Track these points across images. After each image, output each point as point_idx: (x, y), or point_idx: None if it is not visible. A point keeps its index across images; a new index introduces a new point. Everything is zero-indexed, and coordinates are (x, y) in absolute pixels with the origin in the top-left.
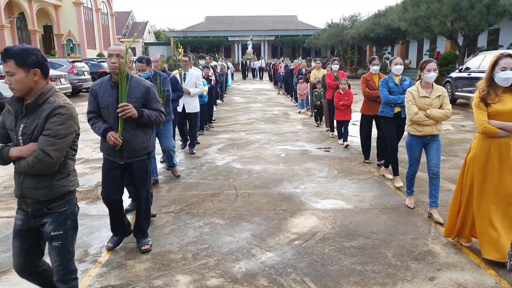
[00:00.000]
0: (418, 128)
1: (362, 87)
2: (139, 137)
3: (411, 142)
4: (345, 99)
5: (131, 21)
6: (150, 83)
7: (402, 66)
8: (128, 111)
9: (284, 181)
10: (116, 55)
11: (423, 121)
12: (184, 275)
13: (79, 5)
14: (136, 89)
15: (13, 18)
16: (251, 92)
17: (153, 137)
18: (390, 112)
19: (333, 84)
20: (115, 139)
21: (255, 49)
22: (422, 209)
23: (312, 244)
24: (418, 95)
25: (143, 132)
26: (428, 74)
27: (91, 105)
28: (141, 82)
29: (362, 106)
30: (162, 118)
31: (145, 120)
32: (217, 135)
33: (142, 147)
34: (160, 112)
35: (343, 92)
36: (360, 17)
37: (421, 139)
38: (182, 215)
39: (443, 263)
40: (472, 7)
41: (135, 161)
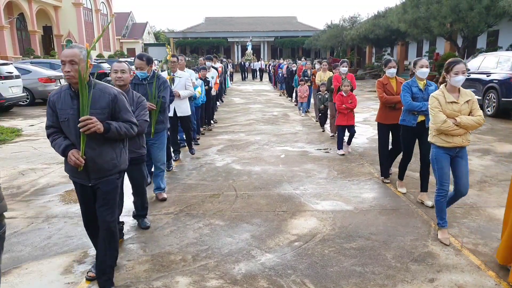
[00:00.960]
0: (446, 138)
1: (379, 92)
2: (108, 154)
3: (438, 155)
4: (348, 102)
5: (130, 21)
6: (117, 90)
7: (428, 69)
8: (92, 126)
9: (284, 182)
10: (70, 62)
11: (452, 130)
12: (183, 277)
13: (78, 6)
14: (101, 98)
15: (12, 18)
16: (250, 93)
17: (126, 152)
18: (413, 121)
19: None
20: (76, 159)
21: (254, 50)
22: (422, 210)
23: (312, 246)
24: (444, 101)
25: (112, 147)
26: (456, 77)
27: (50, 119)
28: (106, 90)
29: (378, 114)
30: (134, 131)
31: (113, 135)
32: (216, 136)
33: (112, 165)
34: (132, 124)
35: (345, 95)
36: (359, 18)
37: (449, 151)
38: (182, 216)
39: (443, 264)
40: (472, 9)
41: (103, 181)
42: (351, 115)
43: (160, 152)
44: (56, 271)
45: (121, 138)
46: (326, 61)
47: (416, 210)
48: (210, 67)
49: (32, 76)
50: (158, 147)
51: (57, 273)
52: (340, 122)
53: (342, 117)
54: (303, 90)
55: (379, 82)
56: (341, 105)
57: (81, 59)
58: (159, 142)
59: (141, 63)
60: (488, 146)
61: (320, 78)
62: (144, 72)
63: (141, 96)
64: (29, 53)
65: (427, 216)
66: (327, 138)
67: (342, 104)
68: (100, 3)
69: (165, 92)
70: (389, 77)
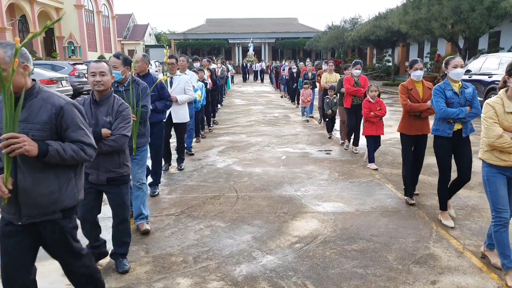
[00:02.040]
0: (501, 156)
1: (402, 99)
2: (46, 184)
3: (491, 175)
4: (376, 109)
5: (132, 23)
6: (67, 100)
7: (463, 69)
8: (17, 146)
9: (285, 184)
10: None
11: (509, 147)
12: (184, 278)
13: (80, 8)
14: (42, 110)
15: (15, 20)
16: (251, 95)
17: (76, 184)
18: (449, 130)
19: (353, 90)
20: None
21: (255, 51)
22: (423, 212)
23: (313, 247)
24: (503, 110)
25: (56, 176)
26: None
27: None
28: (51, 99)
29: (400, 123)
30: (88, 154)
31: (54, 159)
32: (217, 137)
33: (51, 200)
34: (85, 146)
35: (373, 101)
36: (360, 20)
37: (504, 171)
38: (183, 218)
39: (445, 266)
40: (473, 10)
41: (41, 222)
42: (380, 124)
43: (140, 169)
44: (57, 272)
45: (68, 163)
46: (332, 62)
47: (418, 212)
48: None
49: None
50: (137, 163)
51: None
52: (368, 132)
53: (371, 127)
54: (307, 94)
55: (403, 87)
56: (369, 112)
57: (7, 62)
58: (139, 157)
59: (116, 61)
60: None
61: (326, 80)
62: (118, 72)
63: (124, 104)
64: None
65: (428, 218)
66: (328, 139)
67: (370, 112)
68: (102, 5)
69: (146, 100)
70: (415, 81)
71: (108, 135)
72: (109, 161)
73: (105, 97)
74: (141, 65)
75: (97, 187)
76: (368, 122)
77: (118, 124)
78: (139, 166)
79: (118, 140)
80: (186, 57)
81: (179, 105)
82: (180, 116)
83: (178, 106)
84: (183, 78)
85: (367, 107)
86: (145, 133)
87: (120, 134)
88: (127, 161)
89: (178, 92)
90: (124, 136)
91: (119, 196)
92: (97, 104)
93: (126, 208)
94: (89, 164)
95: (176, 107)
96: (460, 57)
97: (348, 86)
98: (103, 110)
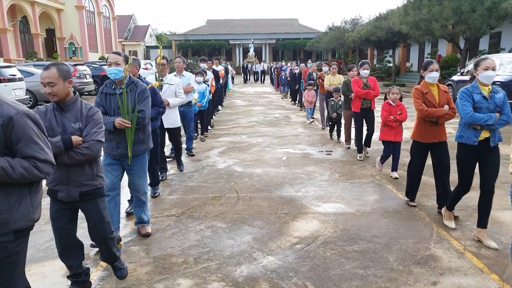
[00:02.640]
0: None
1: (417, 104)
2: None
3: None
4: (397, 113)
5: (132, 24)
6: (21, 109)
7: (495, 72)
8: None
9: (286, 185)
10: None
11: None
12: (185, 279)
13: (81, 9)
14: None
15: (16, 21)
16: (252, 95)
17: (31, 203)
18: (475, 137)
19: (363, 93)
20: None
21: (256, 52)
22: (424, 213)
23: (313, 248)
24: None
25: (5, 195)
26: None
27: None
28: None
29: (414, 130)
30: (43, 171)
31: (1, 177)
32: (218, 138)
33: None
34: (38, 162)
35: (394, 104)
36: (361, 21)
37: None
38: (184, 219)
39: (445, 267)
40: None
41: None
42: (399, 130)
43: (140, 180)
44: (59, 273)
45: (17, 181)
46: (336, 64)
47: (418, 212)
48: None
49: (35, 78)
50: (137, 173)
51: (60, 275)
52: (386, 137)
53: (389, 132)
54: (311, 95)
55: (417, 90)
56: (388, 116)
57: None
58: (139, 167)
59: (118, 58)
60: None
61: (329, 82)
62: (120, 69)
63: (93, 108)
64: (32, 56)
65: (429, 218)
66: (328, 140)
67: (389, 115)
68: (103, 6)
69: (145, 104)
70: (430, 83)
71: (79, 142)
72: (80, 174)
73: (70, 103)
74: (131, 69)
75: (70, 206)
76: (386, 126)
77: (90, 129)
78: (139, 177)
79: (92, 147)
80: (182, 58)
81: (170, 109)
82: (171, 121)
83: (168, 110)
84: (174, 81)
85: (386, 110)
86: (144, 140)
87: (94, 141)
88: (101, 171)
89: (169, 95)
90: (98, 142)
91: (97, 211)
92: (62, 110)
93: (107, 224)
94: (57, 179)
95: (166, 111)
96: (492, 60)
97: (357, 89)
98: (70, 116)
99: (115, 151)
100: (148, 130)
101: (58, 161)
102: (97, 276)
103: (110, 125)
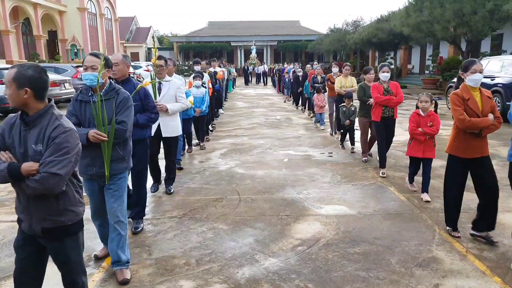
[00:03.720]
0: None
1: (457, 112)
2: None
3: None
4: (427, 124)
5: (134, 26)
6: None
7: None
8: None
9: (287, 186)
10: None
11: None
12: (187, 281)
13: (83, 11)
14: None
15: (18, 23)
16: (253, 97)
17: None
18: None
19: (384, 100)
20: None
21: (257, 54)
22: (426, 215)
23: (315, 250)
24: None
25: None
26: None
27: None
28: None
29: (452, 143)
30: None
31: None
32: (220, 140)
33: None
34: None
35: (424, 114)
36: (362, 22)
37: None
38: (185, 220)
39: (448, 270)
40: (475, 13)
41: None
42: (430, 144)
43: (116, 203)
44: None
45: None
46: (349, 65)
47: (420, 214)
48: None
49: None
50: (112, 194)
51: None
52: (413, 152)
53: (417, 146)
54: (321, 98)
55: (456, 96)
56: (417, 128)
57: None
58: (116, 186)
59: (95, 61)
60: (493, 150)
61: (341, 85)
62: (95, 74)
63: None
64: (34, 58)
65: (431, 221)
66: (330, 142)
67: (417, 127)
68: (105, 7)
69: (126, 115)
70: (472, 87)
71: (32, 172)
72: (43, 206)
73: (36, 116)
74: (121, 68)
75: (35, 240)
76: (414, 140)
77: (48, 156)
78: (115, 198)
79: (43, 181)
80: (172, 61)
81: (169, 116)
82: (170, 129)
83: (169, 116)
84: (174, 83)
85: (414, 121)
86: (124, 157)
87: (47, 173)
88: (74, 204)
89: (168, 100)
90: (53, 176)
91: (62, 252)
92: (27, 125)
93: (75, 266)
94: (20, 206)
95: (166, 118)
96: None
97: (377, 95)
98: (33, 134)
99: (90, 169)
100: (130, 145)
101: None
102: (99, 277)
103: (83, 137)
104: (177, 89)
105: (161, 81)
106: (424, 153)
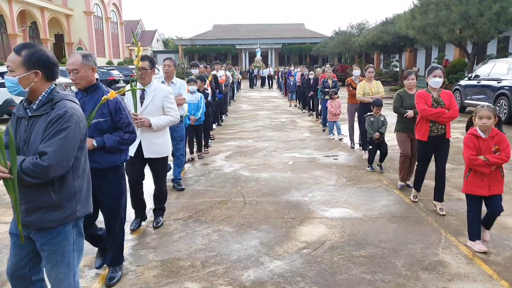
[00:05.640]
0: None
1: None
2: None
3: None
4: (490, 150)
5: (140, 29)
6: None
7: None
8: None
9: (292, 189)
10: None
11: None
12: (193, 283)
13: (89, 14)
14: None
15: (25, 27)
16: (258, 100)
17: None
18: None
19: (434, 113)
20: None
21: (262, 57)
22: (432, 218)
23: (320, 253)
24: None
25: None
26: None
27: None
28: None
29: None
30: None
31: None
32: (224, 142)
33: None
34: None
35: (485, 135)
36: (367, 25)
37: None
38: (191, 222)
39: (454, 273)
40: (481, 15)
41: None
42: (497, 176)
43: (54, 271)
44: None
45: None
46: (373, 67)
47: (426, 218)
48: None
49: None
50: (48, 259)
51: None
52: (473, 188)
53: (479, 180)
54: (336, 105)
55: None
56: (476, 156)
57: None
58: (52, 248)
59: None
60: None
61: (364, 91)
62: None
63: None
64: None
65: (437, 224)
66: (335, 145)
67: (477, 154)
68: (110, 11)
69: (53, 143)
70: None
71: None
72: None
73: None
74: (83, 75)
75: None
76: (472, 171)
77: None
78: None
79: None
80: (173, 61)
81: (154, 132)
82: (156, 148)
83: (152, 133)
84: (162, 90)
85: (471, 146)
86: (60, 202)
87: None
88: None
89: (152, 112)
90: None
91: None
92: None
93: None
94: None
95: (148, 135)
96: None
97: (423, 107)
98: None
99: None
100: (71, 184)
101: None
102: None
103: None
104: (164, 98)
105: (144, 88)
106: (489, 189)
